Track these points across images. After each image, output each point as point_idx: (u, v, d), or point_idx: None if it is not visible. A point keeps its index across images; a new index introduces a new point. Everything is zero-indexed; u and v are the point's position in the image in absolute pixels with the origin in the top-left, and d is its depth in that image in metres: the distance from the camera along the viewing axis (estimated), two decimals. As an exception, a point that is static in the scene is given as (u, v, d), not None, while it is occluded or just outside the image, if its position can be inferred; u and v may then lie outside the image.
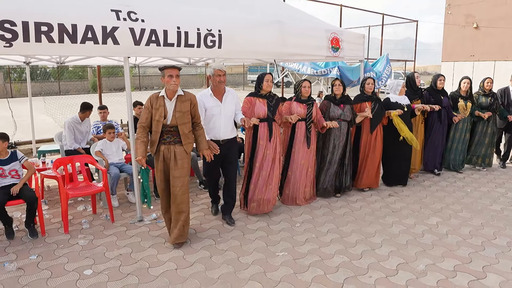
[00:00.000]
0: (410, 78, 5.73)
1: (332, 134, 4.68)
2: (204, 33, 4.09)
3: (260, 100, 4.14)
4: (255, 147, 4.14)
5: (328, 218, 4.26)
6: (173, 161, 3.37)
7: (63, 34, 3.26)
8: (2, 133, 3.75)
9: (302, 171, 4.48)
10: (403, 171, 5.31)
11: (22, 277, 3.02)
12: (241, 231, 3.88)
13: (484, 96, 6.07)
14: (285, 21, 4.87)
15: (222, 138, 3.87)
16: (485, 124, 6.07)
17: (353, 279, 3.04)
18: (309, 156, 4.50)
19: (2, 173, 3.72)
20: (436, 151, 5.83)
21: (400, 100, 5.16)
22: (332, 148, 4.70)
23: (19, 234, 3.78)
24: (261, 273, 3.10)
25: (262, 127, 4.10)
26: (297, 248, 3.54)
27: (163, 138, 3.36)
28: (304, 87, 4.45)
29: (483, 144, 6.13)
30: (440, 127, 5.74)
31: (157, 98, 3.37)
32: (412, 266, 3.24)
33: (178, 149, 3.37)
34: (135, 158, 3.42)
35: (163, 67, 3.36)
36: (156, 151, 3.41)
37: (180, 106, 3.36)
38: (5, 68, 21.39)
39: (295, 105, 4.43)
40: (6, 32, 3.03)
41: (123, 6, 3.63)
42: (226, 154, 3.91)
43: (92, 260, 3.29)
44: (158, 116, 3.32)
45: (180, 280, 2.99)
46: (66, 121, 5.24)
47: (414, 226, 4.07)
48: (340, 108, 4.67)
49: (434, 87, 5.79)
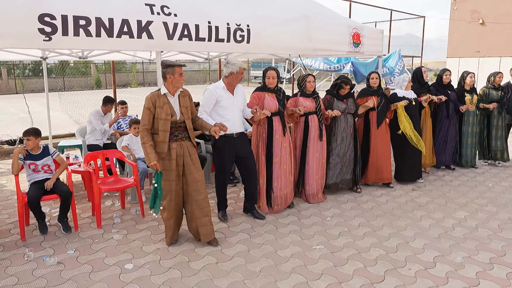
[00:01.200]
0: (417, 72, 5.67)
1: (338, 127, 4.67)
2: (234, 28, 4.09)
3: (269, 94, 4.07)
4: (271, 143, 4.05)
5: (356, 212, 4.28)
6: (188, 157, 3.29)
7: (100, 28, 3.26)
8: (35, 129, 3.75)
9: (318, 164, 4.47)
10: (416, 165, 5.26)
11: (64, 271, 3.03)
12: (274, 225, 3.90)
13: (495, 90, 6.09)
14: (310, 16, 4.88)
15: (236, 131, 3.81)
16: (499, 117, 6.11)
17: (393, 271, 3.06)
18: (323, 148, 4.50)
19: (35, 168, 3.71)
20: (447, 146, 5.81)
21: (407, 95, 5.12)
22: (340, 141, 4.68)
23: (52, 229, 3.79)
24: (302, 266, 3.12)
25: (275, 121, 4.04)
26: (332, 241, 3.56)
27: (174, 135, 3.25)
28: (309, 82, 4.41)
29: (497, 138, 6.15)
30: (448, 122, 5.73)
31: (158, 96, 3.20)
32: (449, 258, 3.27)
33: (189, 144, 3.34)
34: (149, 163, 3.16)
35: (174, 64, 3.21)
36: (167, 151, 3.23)
37: (183, 101, 3.30)
38: (9, 64, 21.28)
39: (302, 100, 4.39)
40: (46, 26, 3.02)
41: (156, 0, 3.62)
42: (242, 148, 3.86)
43: (130, 254, 3.30)
44: (165, 114, 3.17)
45: (223, 273, 3.00)
46: (90, 113, 5.24)
47: (443, 219, 4.09)
48: (343, 103, 4.66)
49: (440, 82, 5.77)
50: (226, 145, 3.78)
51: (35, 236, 3.65)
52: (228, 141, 3.77)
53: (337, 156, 4.70)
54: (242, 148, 3.87)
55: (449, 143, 5.81)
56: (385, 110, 4.96)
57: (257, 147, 4.12)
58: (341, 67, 8.98)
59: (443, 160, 5.90)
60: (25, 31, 2.95)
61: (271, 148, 4.05)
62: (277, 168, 4.10)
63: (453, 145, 5.87)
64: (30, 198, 3.46)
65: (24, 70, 26.43)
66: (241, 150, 3.87)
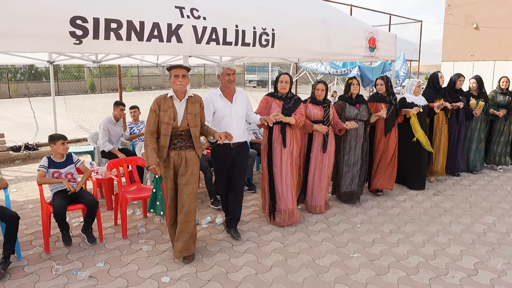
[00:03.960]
0: (433, 77, 5.53)
1: (349, 135, 4.50)
2: (259, 32, 4.01)
3: (277, 101, 3.89)
4: (271, 151, 3.87)
5: (384, 218, 4.22)
6: (183, 166, 3.13)
7: (131, 32, 3.15)
8: (61, 134, 3.59)
9: (321, 175, 4.26)
10: (421, 174, 5.15)
11: (98, 285, 2.89)
12: (305, 233, 3.80)
13: (502, 95, 6.09)
14: (330, 21, 4.84)
15: (234, 141, 3.51)
16: (503, 123, 6.10)
17: (437, 279, 3.00)
18: (329, 159, 4.28)
19: (59, 176, 3.55)
20: (456, 152, 5.70)
21: (417, 101, 5.03)
22: (349, 150, 4.52)
23: (75, 240, 3.63)
24: (344, 275, 3.03)
25: (275, 130, 3.85)
26: (368, 249, 3.48)
27: (172, 143, 3.10)
28: (317, 90, 4.23)
29: (499, 142, 6.15)
30: (457, 127, 5.66)
31: (165, 99, 3.10)
32: (489, 265, 3.22)
33: (189, 154, 3.14)
34: (147, 165, 3.05)
35: (170, 67, 3.11)
36: (166, 157, 3.12)
37: (191, 108, 3.13)
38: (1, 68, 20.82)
39: (311, 107, 4.23)
40: (77, 29, 2.89)
41: (186, 3, 3.53)
42: (235, 158, 3.61)
43: (164, 266, 3.16)
44: (167, 119, 3.05)
45: (265, 285, 2.90)
46: (101, 122, 5.08)
47: (473, 225, 4.06)
48: (356, 108, 4.51)
49: (453, 87, 5.66)
50: (222, 153, 3.59)
51: (59, 248, 3.48)
52: (225, 150, 3.58)
53: (346, 165, 4.54)
54: (238, 159, 3.64)
55: (456, 149, 5.68)
56: (394, 118, 4.82)
57: (262, 151, 4.02)
58: (348, 71, 8.98)
59: (455, 166, 5.74)
60: (56, 34, 2.83)
61: (271, 156, 3.89)
62: (277, 178, 3.86)
63: (461, 151, 5.74)
64: (57, 209, 3.30)
65: (16, 74, 25.89)
66: (237, 161, 3.63)
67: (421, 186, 5.19)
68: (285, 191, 3.85)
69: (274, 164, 3.86)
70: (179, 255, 3.18)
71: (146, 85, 28.17)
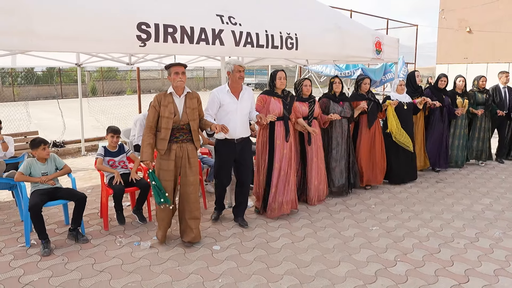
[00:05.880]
0: (410, 76, 5.97)
1: (334, 132, 4.73)
2: (285, 36, 4.55)
3: (275, 98, 4.06)
4: (273, 147, 4.03)
5: (395, 200, 4.78)
6: (186, 160, 3.33)
7: (183, 35, 3.66)
8: (115, 127, 4.10)
9: (315, 169, 4.48)
10: (410, 165, 5.39)
11: (160, 253, 3.39)
12: (327, 212, 4.34)
13: (480, 93, 6.50)
14: (342, 26, 5.40)
15: (237, 136, 3.75)
16: (482, 119, 6.44)
17: (445, 245, 3.55)
18: (319, 153, 4.52)
19: (113, 164, 4.06)
20: (439, 149, 5.99)
21: (401, 98, 5.32)
22: (336, 146, 4.75)
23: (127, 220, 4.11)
24: (367, 243, 3.58)
25: (278, 126, 4.01)
26: (384, 223, 4.03)
27: (175, 137, 3.30)
28: (305, 86, 4.47)
29: (481, 139, 6.47)
30: (442, 125, 5.94)
31: (165, 96, 3.31)
32: (488, 234, 3.79)
33: (190, 147, 3.36)
34: (141, 160, 3.28)
35: (169, 65, 3.31)
36: (166, 150, 3.30)
37: (189, 103, 3.35)
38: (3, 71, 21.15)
39: (299, 105, 4.41)
40: (143, 33, 3.41)
41: (224, 12, 4.06)
42: (240, 154, 3.81)
43: (212, 239, 3.67)
44: (168, 113, 3.25)
45: (301, 251, 3.43)
46: (137, 118, 5.57)
47: (472, 205, 4.62)
48: (339, 106, 4.75)
49: (436, 86, 6.01)
50: (225, 148, 3.78)
51: (114, 226, 3.97)
52: (228, 145, 3.77)
53: (334, 161, 4.76)
54: (241, 154, 3.82)
55: (440, 146, 5.98)
56: (375, 111, 5.07)
57: (260, 149, 4.13)
58: (351, 73, 9.55)
59: (438, 163, 6.05)
60: (126, 37, 3.34)
61: (272, 153, 4.03)
62: (276, 175, 4.03)
63: (444, 148, 6.02)
64: (117, 191, 3.80)
65: (17, 78, 26.18)
66: (240, 156, 3.83)
67: (415, 176, 5.49)
68: (279, 184, 4.03)
69: (275, 159, 4.01)
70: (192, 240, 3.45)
71: (145, 88, 28.55)
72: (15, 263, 3.22)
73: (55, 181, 3.72)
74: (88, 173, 6.15)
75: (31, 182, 3.61)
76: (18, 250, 3.43)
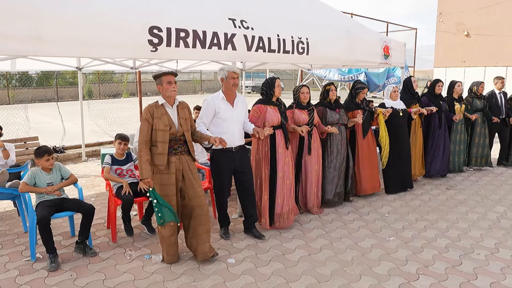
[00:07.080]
0: (407, 82, 5.78)
1: (334, 140, 4.62)
2: (296, 41, 4.45)
3: (271, 107, 3.92)
4: (275, 157, 3.89)
5: (408, 209, 4.68)
6: (189, 171, 3.20)
7: (196, 40, 3.54)
8: (123, 135, 3.96)
9: (314, 177, 4.39)
10: (405, 174, 5.29)
11: (173, 266, 3.25)
12: (341, 222, 4.23)
13: (478, 99, 6.47)
14: (352, 31, 5.31)
15: (235, 144, 3.64)
16: (483, 125, 6.41)
17: (465, 256, 3.45)
18: (319, 161, 4.43)
19: (121, 173, 3.92)
20: (443, 156, 5.88)
21: (395, 105, 5.21)
22: (336, 154, 4.63)
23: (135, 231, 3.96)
24: (386, 254, 3.47)
25: (278, 135, 3.90)
26: (400, 234, 3.93)
27: (173, 149, 3.15)
28: (303, 93, 4.33)
29: (479, 145, 6.43)
30: (441, 132, 5.85)
31: (156, 107, 3.11)
32: (507, 244, 3.70)
33: (188, 159, 3.24)
34: (142, 178, 3.06)
35: (160, 74, 3.15)
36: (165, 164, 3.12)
37: (182, 113, 3.21)
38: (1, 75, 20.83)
39: (298, 113, 4.31)
40: (154, 37, 3.28)
41: (236, 15, 3.94)
42: (239, 163, 3.69)
43: (226, 251, 3.54)
44: (163, 126, 3.07)
45: (319, 263, 3.30)
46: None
47: (486, 214, 4.54)
48: (336, 113, 4.65)
49: (433, 92, 5.88)
50: (224, 159, 3.64)
51: (122, 238, 3.83)
52: (227, 155, 3.63)
53: (334, 169, 4.62)
54: (240, 162, 3.71)
55: (443, 152, 5.88)
56: (369, 120, 5.01)
57: (258, 162, 3.95)
58: (355, 77, 9.48)
59: (438, 170, 5.91)
60: (137, 42, 3.20)
61: (274, 162, 3.90)
62: (280, 184, 3.91)
63: (448, 154, 5.96)
64: (126, 201, 3.66)
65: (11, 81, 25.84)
66: (239, 164, 3.71)
67: (410, 185, 5.37)
68: (286, 193, 3.94)
69: (278, 169, 3.89)
70: (203, 257, 3.25)
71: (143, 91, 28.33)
72: (21, 279, 3.06)
73: (61, 191, 3.58)
74: (91, 180, 5.99)
75: (36, 192, 3.46)
76: (23, 265, 3.27)
